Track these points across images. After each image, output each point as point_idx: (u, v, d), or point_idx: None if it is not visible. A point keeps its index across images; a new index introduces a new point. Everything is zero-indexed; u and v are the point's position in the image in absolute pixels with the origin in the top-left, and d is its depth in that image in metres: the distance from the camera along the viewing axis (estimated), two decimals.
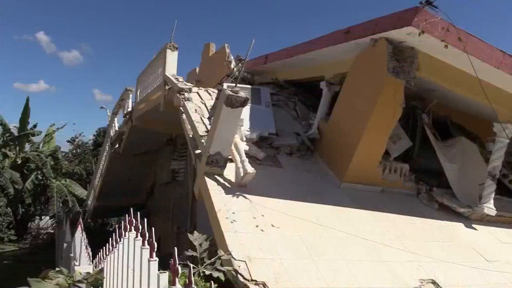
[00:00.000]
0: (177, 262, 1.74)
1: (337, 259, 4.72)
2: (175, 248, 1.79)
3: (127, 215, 2.66)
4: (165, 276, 1.88)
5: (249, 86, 8.86)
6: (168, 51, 9.05)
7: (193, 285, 1.51)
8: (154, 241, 2.08)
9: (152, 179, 15.85)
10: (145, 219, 2.35)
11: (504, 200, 7.77)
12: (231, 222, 4.83)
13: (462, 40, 5.44)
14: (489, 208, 6.91)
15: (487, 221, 6.96)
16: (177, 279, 1.70)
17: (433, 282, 4.79)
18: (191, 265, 1.57)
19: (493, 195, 7.05)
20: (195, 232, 4.62)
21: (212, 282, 1.71)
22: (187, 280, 1.54)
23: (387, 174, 6.82)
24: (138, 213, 2.57)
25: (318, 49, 7.61)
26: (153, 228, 2.17)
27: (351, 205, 6.03)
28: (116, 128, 14.42)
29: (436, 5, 5.38)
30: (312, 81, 8.88)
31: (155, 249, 2.08)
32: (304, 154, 7.20)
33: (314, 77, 8.66)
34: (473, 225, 6.75)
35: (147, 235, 2.19)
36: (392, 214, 6.16)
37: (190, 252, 4.30)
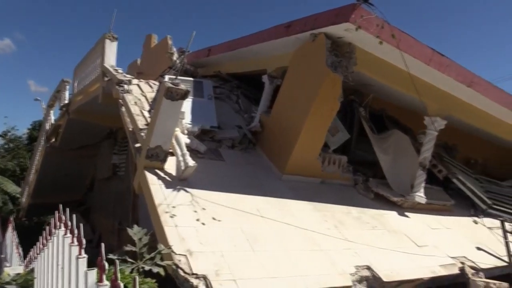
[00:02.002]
0: (104, 258, 1.70)
1: (277, 250, 4.80)
2: (102, 244, 1.74)
3: (56, 212, 2.55)
4: (93, 273, 1.82)
5: (191, 79, 8.76)
6: (107, 41, 8.78)
7: (119, 281, 1.49)
8: (82, 237, 2.01)
9: (92, 174, 15.30)
10: (74, 215, 2.26)
11: (433, 188, 8.25)
12: (172, 217, 4.76)
13: (395, 37, 5.68)
14: (420, 196, 7.32)
15: (418, 209, 7.35)
16: (104, 276, 1.65)
17: (368, 268, 4.99)
18: (117, 261, 1.52)
19: (423, 184, 7.46)
20: (134, 226, 4.51)
21: (137, 276, 1.68)
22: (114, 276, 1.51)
23: (326, 166, 7.01)
24: (67, 209, 2.47)
25: (260, 42, 7.66)
26: (81, 225, 2.09)
27: (292, 196, 6.15)
28: (52, 121, 13.80)
29: (371, 2, 5.60)
30: (254, 74, 8.94)
31: (84, 246, 2.02)
32: (246, 147, 7.24)
33: (256, 70, 8.71)
34: (406, 213, 7.10)
35: (76, 232, 2.11)
36: (330, 204, 6.35)
37: (129, 247, 4.20)
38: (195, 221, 4.84)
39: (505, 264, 6.35)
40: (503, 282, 5.36)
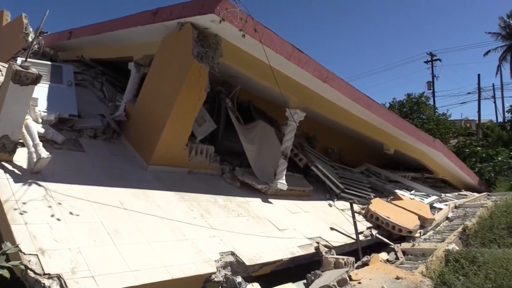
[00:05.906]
0: None
1: (141, 242, 4.70)
2: None
3: None
4: None
5: (49, 63, 8.03)
6: None
7: None
8: None
9: None
10: None
11: (295, 176, 8.89)
12: (21, 214, 4.34)
13: (257, 31, 5.90)
14: (282, 183, 7.79)
15: (280, 195, 7.83)
16: None
17: (232, 254, 5.16)
18: None
19: (285, 172, 7.96)
20: None
21: None
22: None
23: (194, 156, 7.04)
24: None
25: (126, 28, 7.36)
26: None
27: (158, 187, 6.05)
28: None
29: None
30: (121, 61, 8.56)
31: None
32: (110, 137, 6.89)
33: (123, 57, 8.35)
34: (269, 200, 7.51)
35: None
36: (197, 194, 6.41)
37: None
38: (50, 217, 4.50)
39: (353, 241, 7.15)
40: (350, 257, 6.04)
